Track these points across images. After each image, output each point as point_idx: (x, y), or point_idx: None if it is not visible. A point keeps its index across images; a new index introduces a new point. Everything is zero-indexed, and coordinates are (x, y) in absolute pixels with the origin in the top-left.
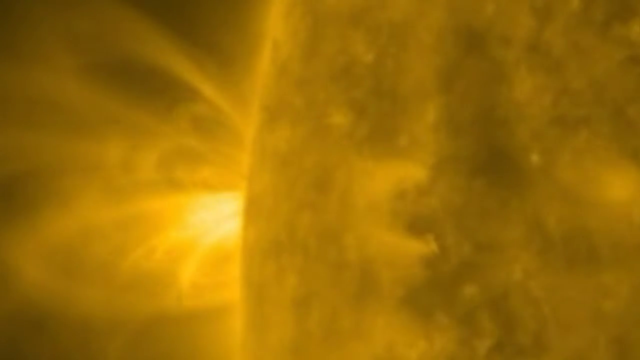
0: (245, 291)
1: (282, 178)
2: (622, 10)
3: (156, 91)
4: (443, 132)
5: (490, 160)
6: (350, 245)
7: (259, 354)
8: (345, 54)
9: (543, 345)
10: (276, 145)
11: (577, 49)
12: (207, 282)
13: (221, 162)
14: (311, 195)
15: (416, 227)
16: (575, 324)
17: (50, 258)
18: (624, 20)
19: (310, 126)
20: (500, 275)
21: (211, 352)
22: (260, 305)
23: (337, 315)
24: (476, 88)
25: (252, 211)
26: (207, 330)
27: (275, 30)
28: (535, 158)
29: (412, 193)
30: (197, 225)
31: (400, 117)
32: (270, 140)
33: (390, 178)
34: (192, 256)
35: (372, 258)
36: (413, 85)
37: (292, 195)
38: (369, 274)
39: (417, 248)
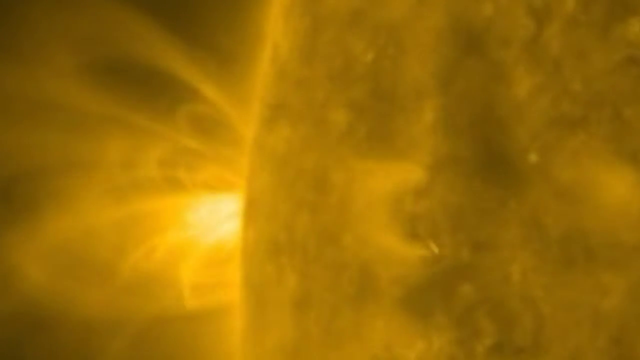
0: (244, 291)
1: (281, 178)
2: (621, 10)
3: (156, 91)
4: (441, 132)
5: (488, 160)
6: (349, 245)
7: (259, 354)
8: (344, 54)
9: (541, 345)
10: (275, 146)
11: (575, 50)
12: (207, 282)
13: (221, 162)
14: (310, 195)
15: (414, 227)
16: (574, 324)
17: (50, 258)
18: (623, 20)
19: (309, 126)
20: (499, 276)
21: (211, 353)
22: (259, 305)
23: (335, 315)
24: (474, 89)
25: (252, 211)
26: (207, 330)
27: (275, 30)
28: (533, 158)
29: (410, 194)
30: (197, 225)
31: (398, 117)
32: (269, 141)
33: (389, 179)
34: (192, 256)
35: (370, 259)
36: (411, 85)
37: (291, 195)
38: (368, 274)
39: (415, 249)
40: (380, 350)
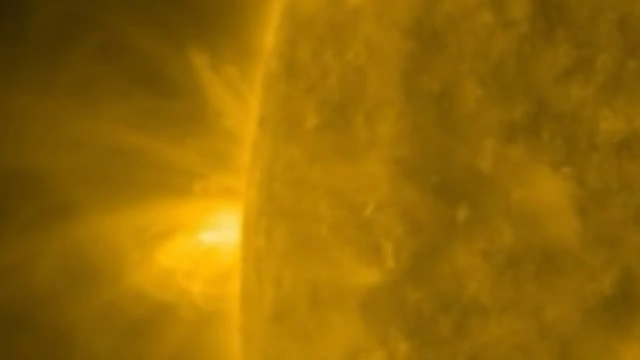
0: (239, 298)
1: (264, 188)
2: (564, 22)
3: (158, 94)
4: (399, 140)
5: (443, 167)
6: (317, 254)
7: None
8: (318, 66)
9: (492, 355)
10: (263, 156)
11: (523, 58)
12: (208, 287)
13: (226, 168)
14: (289, 205)
15: (375, 236)
16: (521, 331)
17: (52, 261)
18: (565, 32)
19: (287, 135)
20: (453, 284)
21: (212, 356)
22: (246, 312)
23: (305, 324)
24: (431, 97)
25: (247, 220)
26: (208, 334)
27: (268, 43)
28: (485, 166)
29: (372, 202)
30: (200, 231)
31: (363, 124)
32: (258, 151)
33: (352, 185)
34: (194, 261)
35: (335, 267)
36: (375, 92)
37: (272, 203)
38: (332, 282)
39: (376, 257)
40: (343, 356)
